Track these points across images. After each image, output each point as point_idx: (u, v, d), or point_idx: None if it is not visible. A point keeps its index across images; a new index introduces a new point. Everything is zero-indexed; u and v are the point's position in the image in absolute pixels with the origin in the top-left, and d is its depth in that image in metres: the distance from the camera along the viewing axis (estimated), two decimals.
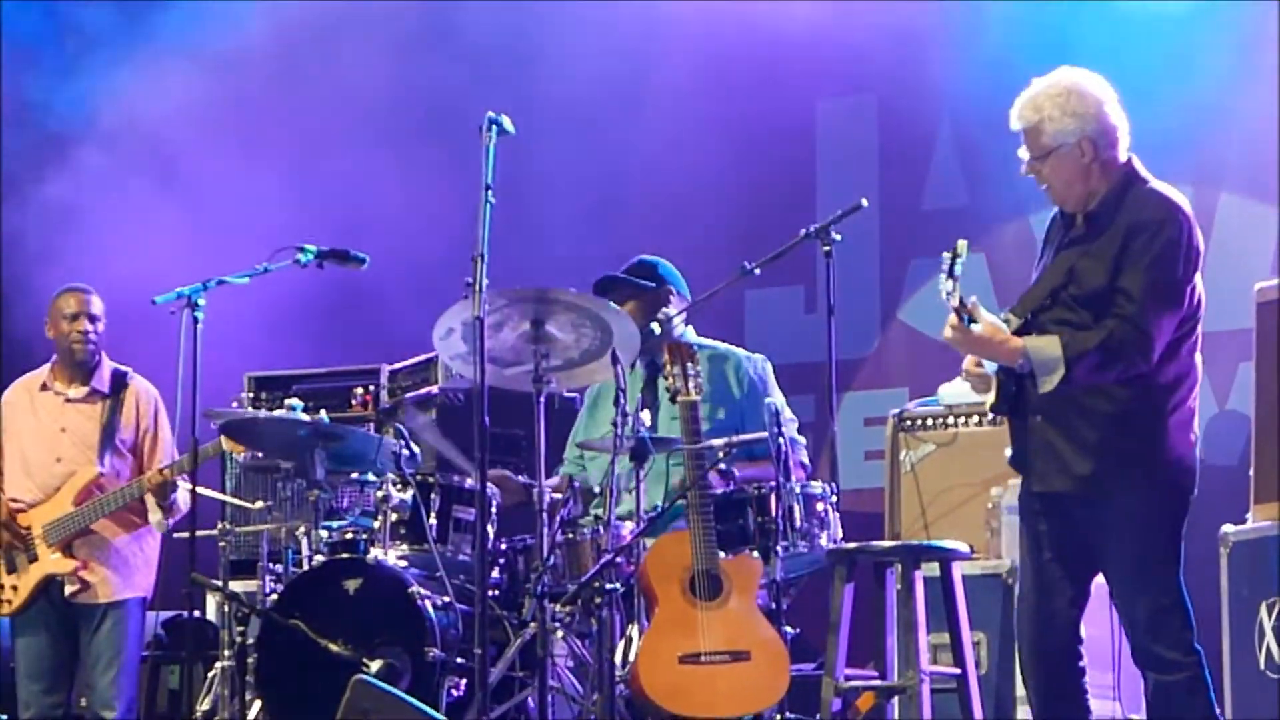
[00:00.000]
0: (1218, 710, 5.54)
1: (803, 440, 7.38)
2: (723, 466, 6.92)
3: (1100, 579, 5.61)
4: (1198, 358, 5.57)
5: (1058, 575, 5.59)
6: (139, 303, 7.36)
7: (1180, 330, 5.48)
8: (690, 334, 7.58)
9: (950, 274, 5.46)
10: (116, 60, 10.12)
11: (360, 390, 8.84)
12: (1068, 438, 5.49)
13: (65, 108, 10.23)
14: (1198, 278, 5.53)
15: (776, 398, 7.49)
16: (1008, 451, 5.70)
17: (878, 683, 6.71)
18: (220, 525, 7.50)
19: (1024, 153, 5.60)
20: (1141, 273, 5.40)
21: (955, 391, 7.62)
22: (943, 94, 9.25)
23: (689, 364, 6.84)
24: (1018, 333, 5.53)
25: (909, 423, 7.68)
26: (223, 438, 7.42)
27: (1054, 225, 5.71)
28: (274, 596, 7.17)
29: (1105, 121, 5.55)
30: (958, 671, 6.57)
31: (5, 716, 7.83)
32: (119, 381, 7.85)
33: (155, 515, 7.69)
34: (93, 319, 7.81)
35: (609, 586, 6.58)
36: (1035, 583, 5.64)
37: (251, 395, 8.76)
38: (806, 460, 7.34)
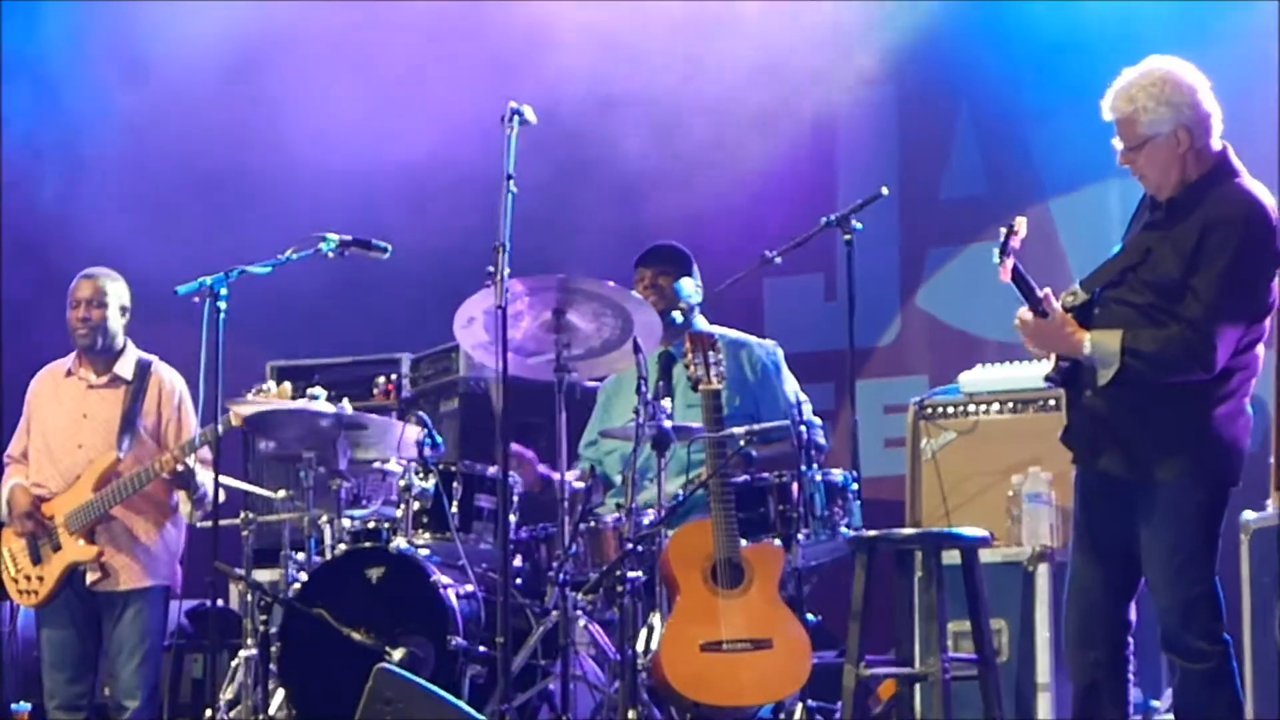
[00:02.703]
0: (1243, 700, 5.54)
1: (818, 421, 7.39)
2: (742, 444, 6.94)
3: None
4: (1259, 349, 5.53)
5: (1107, 560, 5.57)
6: (163, 291, 7.35)
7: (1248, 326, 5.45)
8: (702, 321, 7.60)
9: (1004, 250, 5.45)
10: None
11: (382, 379, 8.89)
12: (1118, 419, 5.48)
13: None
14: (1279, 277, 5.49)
15: (789, 382, 7.51)
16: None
17: (899, 670, 6.73)
18: (243, 514, 7.52)
19: (1118, 143, 5.56)
20: (1214, 277, 5.37)
21: (976, 379, 7.63)
22: (962, 83, 9.24)
23: (710, 352, 6.85)
24: (1084, 306, 5.53)
25: (930, 411, 7.67)
26: (231, 413, 7.30)
27: (1141, 206, 5.67)
28: (297, 585, 7.19)
29: (1200, 110, 5.51)
30: (979, 659, 6.58)
31: (30, 705, 7.87)
32: (143, 369, 7.78)
33: (185, 507, 7.68)
34: (92, 305, 7.68)
35: (631, 575, 6.59)
36: (1084, 566, 5.62)
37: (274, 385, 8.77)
38: (823, 440, 7.36)
